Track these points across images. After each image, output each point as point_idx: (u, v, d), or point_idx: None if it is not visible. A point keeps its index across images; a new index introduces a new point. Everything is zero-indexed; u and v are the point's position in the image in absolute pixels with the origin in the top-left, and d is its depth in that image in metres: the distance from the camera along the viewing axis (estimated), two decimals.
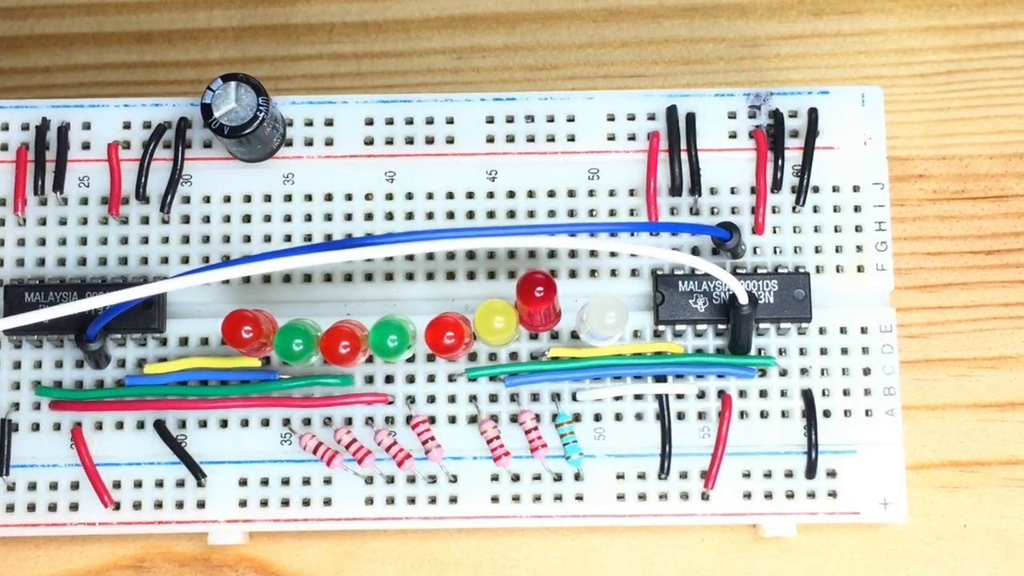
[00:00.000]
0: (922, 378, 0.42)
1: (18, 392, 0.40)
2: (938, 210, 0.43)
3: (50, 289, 0.39)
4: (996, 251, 0.43)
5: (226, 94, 0.38)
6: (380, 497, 0.39)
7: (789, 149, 0.40)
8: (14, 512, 0.39)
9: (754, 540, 0.41)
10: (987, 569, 0.41)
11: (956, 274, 0.43)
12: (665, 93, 0.41)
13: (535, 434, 0.39)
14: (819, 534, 0.41)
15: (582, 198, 0.40)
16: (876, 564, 0.41)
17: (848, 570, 0.41)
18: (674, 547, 0.41)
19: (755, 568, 0.41)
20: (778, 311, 0.39)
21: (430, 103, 0.41)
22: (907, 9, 0.44)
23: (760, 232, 0.40)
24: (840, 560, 0.41)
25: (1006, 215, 0.43)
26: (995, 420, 0.42)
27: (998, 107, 0.43)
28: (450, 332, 0.37)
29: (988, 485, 0.41)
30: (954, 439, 0.42)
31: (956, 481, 0.41)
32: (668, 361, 0.39)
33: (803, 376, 0.40)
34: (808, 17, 0.44)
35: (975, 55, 0.44)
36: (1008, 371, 0.42)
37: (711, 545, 0.41)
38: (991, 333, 0.42)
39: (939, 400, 0.42)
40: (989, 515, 0.41)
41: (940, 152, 0.43)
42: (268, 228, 0.40)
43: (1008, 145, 0.43)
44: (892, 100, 0.43)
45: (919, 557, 0.41)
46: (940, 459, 0.42)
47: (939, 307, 0.42)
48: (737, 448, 0.39)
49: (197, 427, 0.40)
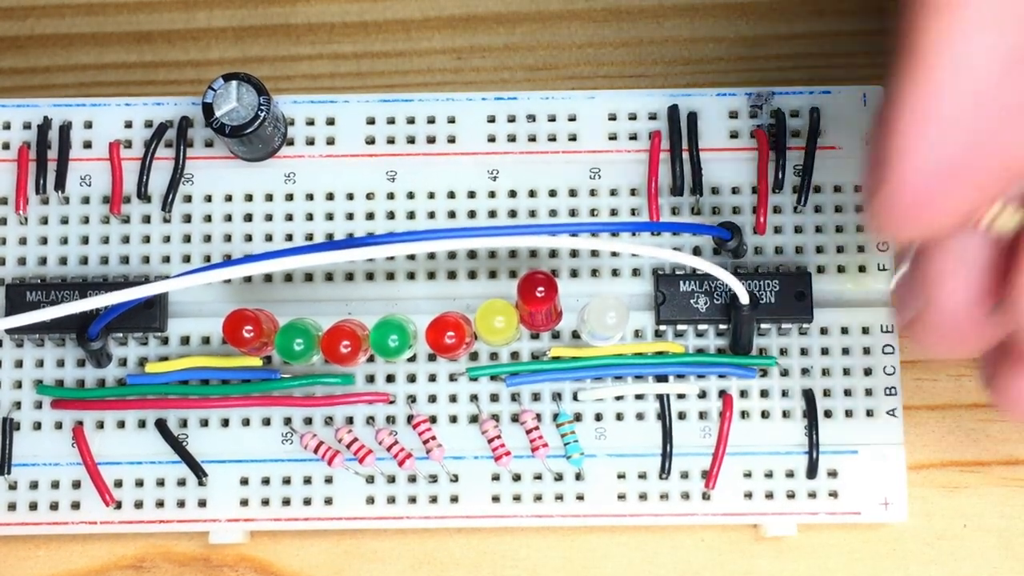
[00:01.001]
0: (922, 378, 0.42)
1: (20, 391, 0.40)
2: None
3: (52, 288, 0.39)
4: None
5: (227, 93, 0.38)
6: (381, 496, 0.39)
7: (791, 149, 0.40)
8: (16, 511, 0.39)
9: (754, 540, 0.41)
10: (987, 569, 0.41)
11: None
12: (667, 93, 0.41)
13: (536, 434, 0.39)
14: (819, 534, 0.41)
15: (584, 197, 0.40)
16: (876, 564, 0.41)
17: (848, 570, 0.41)
18: (674, 547, 0.41)
19: (755, 568, 0.41)
20: (779, 311, 0.39)
21: (431, 102, 0.41)
22: None
23: (762, 232, 0.40)
24: (840, 560, 0.41)
25: None
26: (995, 420, 0.42)
27: None
28: (451, 332, 0.37)
29: (988, 485, 0.41)
30: (954, 439, 0.42)
31: (956, 481, 0.41)
32: (669, 361, 0.39)
33: (804, 376, 0.40)
34: (808, 17, 0.44)
35: None
36: None
37: (711, 545, 0.41)
38: None
39: (939, 400, 0.42)
40: (989, 515, 0.41)
41: None
42: (270, 227, 0.40)
43: None
44: None
45: (919, 557, 0.41)
46: (940, 459, 0.41)
47: None
48: (738, 448, 0.39)
49: (198, 426, 0.40)
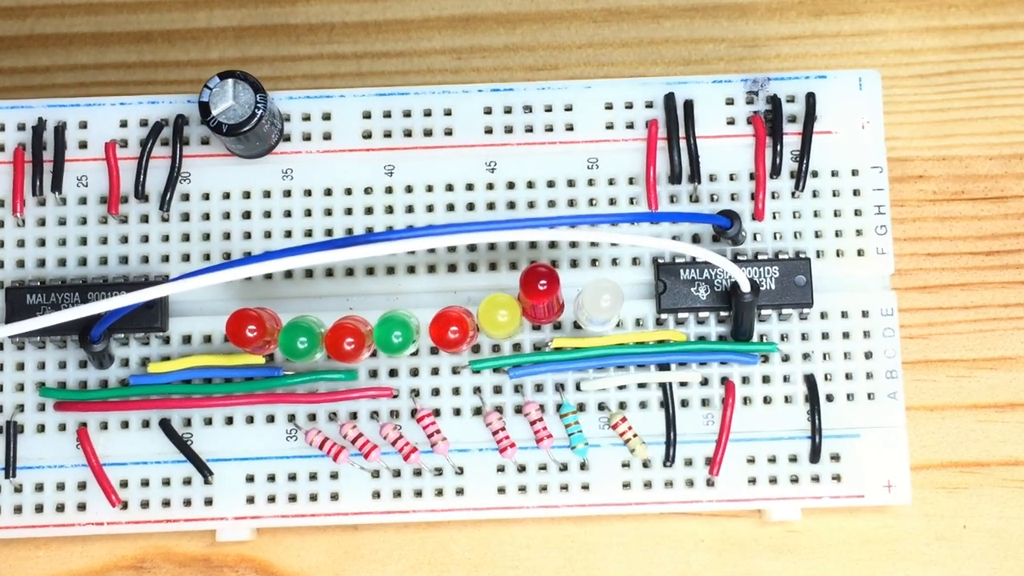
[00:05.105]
0: (922, 379, 0.42)
1: (22, 393, 0.40)
2: (938, 211, 0.43)
3: (52, 290, 0.39)
4: (996, 252, 0.43)
5: (223, 92, 0.38)
6: (387, 491, 0.39)
7: (787, 134, 0.40)
8: (22, 514, 0.39)
9: (754, 540, 0.41)
10: (987, 570, 0.41)
11: (956, 275, 0.43)
12: (663, 80, 0.41)
13: (540, 425, 0.39)
14: (819, 535, 0.41)
15: (582, 187, 0.40)
16: (876, 565, 0.41)
17: (848, 571, 0.41)
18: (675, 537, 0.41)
19: (754, 569, 0.41)
20: (779, 297, 0.39)
21: (428, 95, 0.41)
22: (907, 9, 0.44)
23: (760, 218, 0.40)
24: (839, 561, 0.41)
25: (1006, 216, 0.43)
26: (995, 421, 0.42)
27: (998, 108, 0.43)
28: (454, 327, 0.37)
29: (988, 486, 0.41)
30: (954, 440, 0.42)
31: (956, 482, 0.41)
32: (671, 349, 0.40)
33: (805, 361, 0.40)
34: (808, 17, 0.44)
35: (975, 56, 0.44)
36: (1007, 372, 0.42)
37: (722, 548, 0.41)
38: (991, 334, 0.42)
39: (939, 401, 0.42)
40: (989, 516, 0.41)
41: (940, 153, 0.43)
42: (268, 224, 0.40)
43: (1008, 146, 0.43)
44: (892, 101, 0.43)
45: (919, 558, 0.41)
46: (940, 460, 0.42)
47: (939, 308, 0.42)
48: (741, 434, 0.40)
49: (202, 425, 0.40)
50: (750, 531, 0.41)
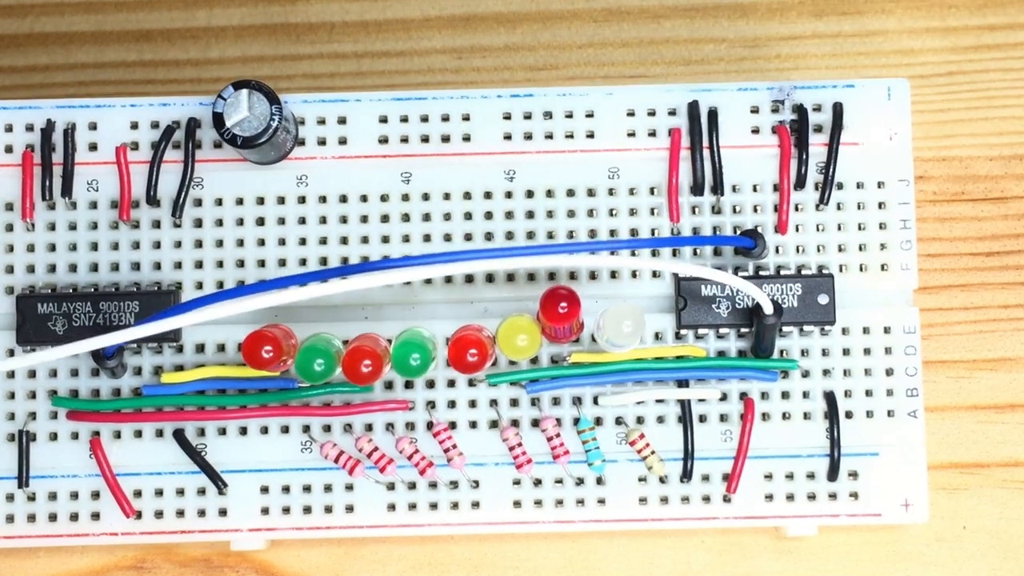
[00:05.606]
0: (922, 380, 0.42)
1: (34, 401, 0.39)
2: (938, 212, 0.42)
3: (63, 299, 0.39)
4: (996, 253, 0.42)
5: (238, 102, 0.37)
6: (402, 503, 0.39)
7: (813, 145, 0.40)
8: (36, 523, 0.39)
9: (754, 540, 0.41)
10: (987, 571, 0.41)
11: (955, 276, 0.42)
12: (687, 87, 0.40)
13: (557, 441, 0.39)
14: (819, 536, 0.41)
15: (602, 197, 0.40)
16: (876, 565, 0.41)
17: (848, 571, 0.41)
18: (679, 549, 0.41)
19: (754, 569, 0.41)
20: (801, 315, 0.39)
21: (445, 100, 0.40)
22: (907, 10, 0.43)
23: (783, 231, 0.39)
24: (839, 562, 0.41)
25: (1006, 217, 0.42)
26: (994, 422, 0.42)
27: (998, 108, 0.43)
28: (473, 350, 0.37)
29: (987, 487, 0.41)
30: (953, 441, 0.42)
31: (955, 483, 0.41)
32: (690, 365, 0.39)
33: (825, 377, 0.40)
34: (808, 18, 0.43)
35: (975, 56, 0.43)
36: (1007, 373, 0.42)
37: (721, 548, 0.41)
38: (990, 335, 0.42)
39: (939, 402, 0.42)
40: (988, 517, 0.41)
41: (940, 153, 0.43)
42: (282, 231, 0.40)
43: (1008, 147, 0.43)
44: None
45: (918, 559, 0.41)
46: (940, 460, 0.42)
47: (938, 309, 0.42)
48: (759, 451, 0.39)
49: (216, 435, 0.39)
50: (751, 532, 0.41)
